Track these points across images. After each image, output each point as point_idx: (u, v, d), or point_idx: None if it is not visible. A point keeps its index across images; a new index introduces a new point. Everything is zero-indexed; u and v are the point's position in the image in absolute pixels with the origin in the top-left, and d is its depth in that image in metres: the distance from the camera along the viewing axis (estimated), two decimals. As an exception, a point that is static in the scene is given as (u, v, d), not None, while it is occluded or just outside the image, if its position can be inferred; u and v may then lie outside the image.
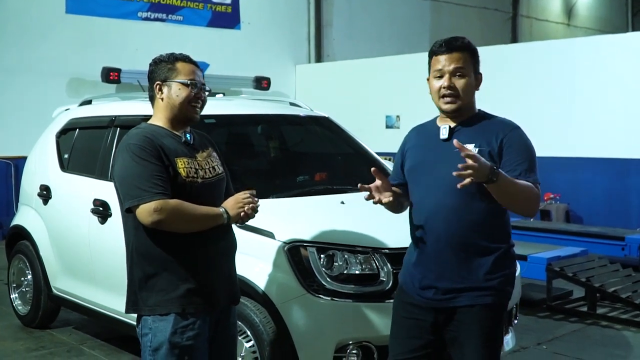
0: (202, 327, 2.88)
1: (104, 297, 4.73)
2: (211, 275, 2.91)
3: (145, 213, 2.71)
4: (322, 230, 3.76)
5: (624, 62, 9.23)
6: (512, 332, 4.24)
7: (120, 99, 5.75)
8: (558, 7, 21.58)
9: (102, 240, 4.67)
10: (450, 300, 2.82)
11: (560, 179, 9.75)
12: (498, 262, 2.82)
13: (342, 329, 3.62)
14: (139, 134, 2.86)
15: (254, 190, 2.96)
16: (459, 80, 2.83)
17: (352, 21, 15.12)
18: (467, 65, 2.85)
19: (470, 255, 2.80)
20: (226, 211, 2.85)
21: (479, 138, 2.78)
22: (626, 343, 5.43)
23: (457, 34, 3.16)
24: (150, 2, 12.23)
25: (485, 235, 2.80)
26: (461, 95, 2.83)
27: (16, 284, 5.84)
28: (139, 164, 2.76)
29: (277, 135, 5.40)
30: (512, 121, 2.93)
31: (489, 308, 2.81)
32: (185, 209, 2.76)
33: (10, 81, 10.70)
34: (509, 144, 2.80)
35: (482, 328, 2.81)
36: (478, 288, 2.79)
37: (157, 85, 2.93)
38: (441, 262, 2.82)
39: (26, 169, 6.02)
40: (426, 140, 2.96)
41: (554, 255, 6.63)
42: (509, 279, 2.87)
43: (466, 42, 2.88)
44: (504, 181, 2.59)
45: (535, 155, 2.87)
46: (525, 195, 2.69)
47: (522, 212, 2.81)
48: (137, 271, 2.87)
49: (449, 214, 2.79)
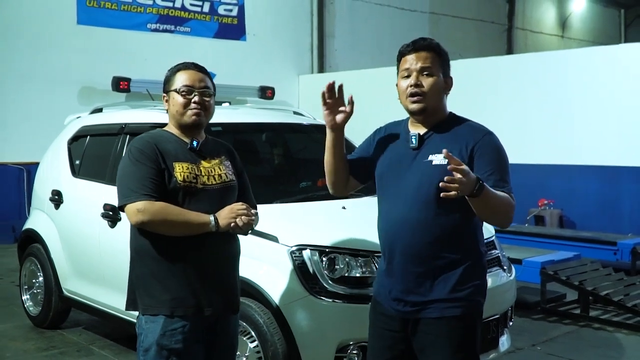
0: (193, 331, 2.86)
1: (113, 298, 4.72)
2: (204, 280, 2.88)
3: (131, 212, 2.77)
4: (324, 235, 3.79)
5: (616, 73, 9.28)
6: (507, 334, 4.26)
7: (130, 107, 5.78)
8: (552, 20, 21.68)
9: (112, 243, 4.70)
10: (418, 312, 2.72)
11: (554, 186, 9.82)
12: (467, 274, 2.70)
13: (344, 330, 3.64)
14: (142, 137, 2.94)
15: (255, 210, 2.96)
16: (427, 79, 2.71)
17: (354, 33, 15.23)
18: (435, 65, 2.72)
19: (437, 268, 2.68)
20: (216, 219, 2.82)
21: (449, 146, 2.59)
22: (618, 345, 5.47)
23: (454, 45, 3.23)
24: (159, 14, 12.40)
25: (452, 249, 2.69)
26: (428, 94, 2.70)
27: (28, 286, 5.87)
28: (134, 166, 2.81)
29: (281, 142, 5.43)
30: (483, 126, 2.80)
31: (458, 319, 2.69)
32: (169, 213, 2.77)
33: (23, 89, 10.83)
34: (481, 152, 2.66)
35: (451, 339, 2.70)
36: (446, 300, 2.68)
37: (164, 98, 3.02)
38: (408, 275, 2.71)
39: (38, 174, 6.06)
40: (396, 145, 2.84)
41: (548, 259, 6.74)
42: (479, 289, 2.75)
43: (434, 43, 2.77)
44: (487, 195, 2.46)
45: (508, 162, 2.74)
46: (504, 207, 2.58)
47: (498, 224, 2.69)
48: (134, 270, 2.91)
49: (414, 228, 2.68)
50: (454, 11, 17.41)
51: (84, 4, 11.51)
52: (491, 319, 4.00)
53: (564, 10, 22.21)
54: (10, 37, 10.82)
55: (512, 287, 4.39)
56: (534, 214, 9.83)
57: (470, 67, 11.15)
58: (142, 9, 12.20)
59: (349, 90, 2.95)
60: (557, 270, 6.33)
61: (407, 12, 16.19)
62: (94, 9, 11.60)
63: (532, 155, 10.01)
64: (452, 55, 3.00)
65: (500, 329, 4.11)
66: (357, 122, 3.62)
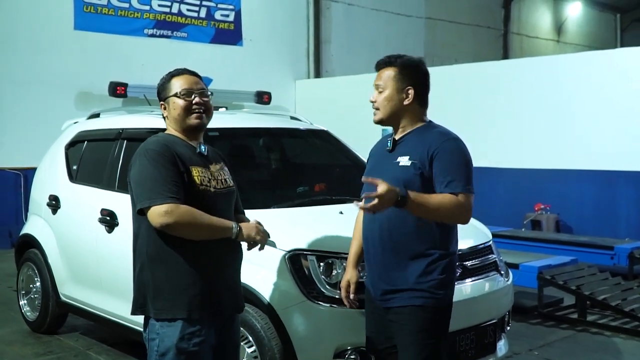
0: (208, 334, 2.91)
1: (110, 303, 4.75)
2: (218, 283, 2.93)
3: (155, 215, 2.76)
4: (322, 240, 3.81)
5: (612, 77, 9.31)
6: (504, 338, 4.26)
7: (127, 112, 5.80)
8: (548, 24, 21.77)
9: (109, 248, 4.72)
10: (388, 301, 3.03)
11: (550, 190, 9.83)
12: (431, 266, 2.98)
13: (341, 334, 3.64)
14: (157, 140, 2.93)
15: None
16: (379, 94, 3.06)
17: (350, 38, 15.24)
18: (388, 80, 3.03)
19: (404, 259, 2.99)
20: (239, 227, 2.90)
21: (413, 150, 2.96)
22: (615, 349, 5.49)
23: (450, 50, 3.37)
24: (156, 19, 12.39)
25: (419, 242, 2.98)
26: (380, 108, 3.05)
27: (25, 291, 5.87)
28: (155, 168, 2.81)
29: (278, 147, 5.44)
30: (450, 132, 3.07)
31: (421, 309, 2.96)
32: (195, 216, 2.79)
33: (20, 94, 10.82)
34: (439, 156, 2.94)
35: (413, 327, 2.97)
36: (411, 289, 2.97)
37: (161, 106, 3.04)
38: (380, 264, 3.05)
39: (36, 179, 6.06)
40: (379, 149, 3.21)
41: (545, 264, 6.76)
42: (443, 282, 2.99)
43: (392, 59, 3.07)
44: (415, 203, 2.76)
45: (468, 165, 2.98)
46: (445, 208, 2.84)
47: (450, 222, 3.00)
48: (147, 274, 2.89)
49: (384, 222, 3.00)
50: (450, 16, 17.45)
51: (81, 9, 11.51)
52: (488, 324, 4.01)
53: (560, 15, 22.29)
54: (7, 42, 10.81)
55: (510, 291, 4.40)
56: (531, 219, 9.85)
57: (466, 72, 11.19)
58: (139, 14, 12.20)
59: (345, 95, 3.07)
60: (554, 275, 6.33)
61: (403, 18, 16.22)
62: (91, 14, 11.60)
63: (528, 160, 10.05)
64: (447, 60, 3.13)
65: (497, 333, 4.11)
66: (353, 127, 3.72)
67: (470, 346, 3.87)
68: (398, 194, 2.71)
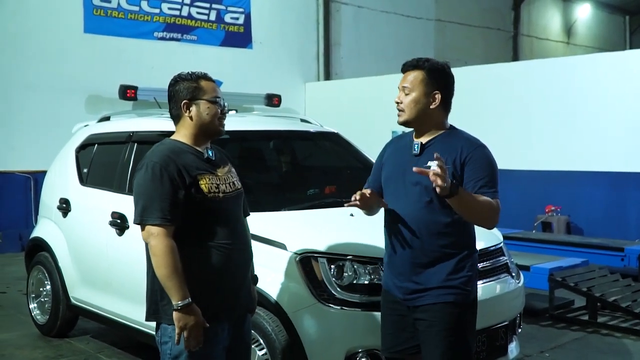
0: (221, 336, 2.93)
1: (121, 306, 4.76)
2: (231, 287, 2.96)
3: (144, 232, 2.83)
4: (332, 242, 3.80)
5: (622, 79, 9.30)
6: (516, 341, 4.27)
7: (138, 115, 5.80)
8: (558, 26, 21.76)
9: (120, 251, 4.72)
10: (417, 299, 3.05)
11: (561, 192, 9.82)
12: (460, 265, 3.04)
13: (352, 337, 3.64)
14: (162, 152, 2.91)
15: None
16: (406, 96, 3.06)
17: (360, 40, 15.27)
18: (416, 83, 3.04)
19: (433, 260, 3.02)
20: (187, 303, 2.76)
21: (444, 155, 2.91)
22: (626, 351, 5.48)
23: (460, 52, 3.36)
24: (166, 22, 12.46)
25: (447, 243, 3.02)
26: (405, 110, 3.06)
27: (35, 294, 5.86)
28: (152, 183, 2.82)
29: (288, 150, 5.44)
30: (477, 139, 3.11)
31: (452, 305, 3.01)
32: (168, 257, 2.76)
33: (30, 97, 10.88)
34: (471, 161, 2.98)
35: (445, 324, 3.00)
36: (441, 287, 3.01)
37: (184, 105, 2.96)
38: (407, 264, 3.06)
39: (46, 182, 6.07)
40: (402, 152, 3.17)
41: (556, 265, 6.74)
42: (470, 280, 3.07)
43: (421, 62, 3.08)
44: (464, 195, 2.80)
45: (497, 172, 3.04)
46: (484, 208, 2.89)
47: (481, 224, 3.03)
48: (158, 281, 2.86)
49: (414, 224, 3.03)
50: (460, 18, 17.44)
51: (91, 13, 11.58)
52: (500, 326, 4.01)
53: (570, 17, 22.25)
54: (17, 46, 10.87)
55: (521, 293, 4.39)
56: (541, 221, 9.83)
57: (476, 74, 11.16)
58: (149, 17, 12.25)
59: (355, 97, 3.08)
60: (565, 277, 6.33)
61: (413, 20, 16.23)
62: (100, 17, 11.67)
63: (538, 162, 10.03)
64: (457, 62, 3.14)
65: (508, 335, 4.11)
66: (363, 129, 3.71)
67: (481, 348, 3.86)
68: (451, 182, 2.74)
